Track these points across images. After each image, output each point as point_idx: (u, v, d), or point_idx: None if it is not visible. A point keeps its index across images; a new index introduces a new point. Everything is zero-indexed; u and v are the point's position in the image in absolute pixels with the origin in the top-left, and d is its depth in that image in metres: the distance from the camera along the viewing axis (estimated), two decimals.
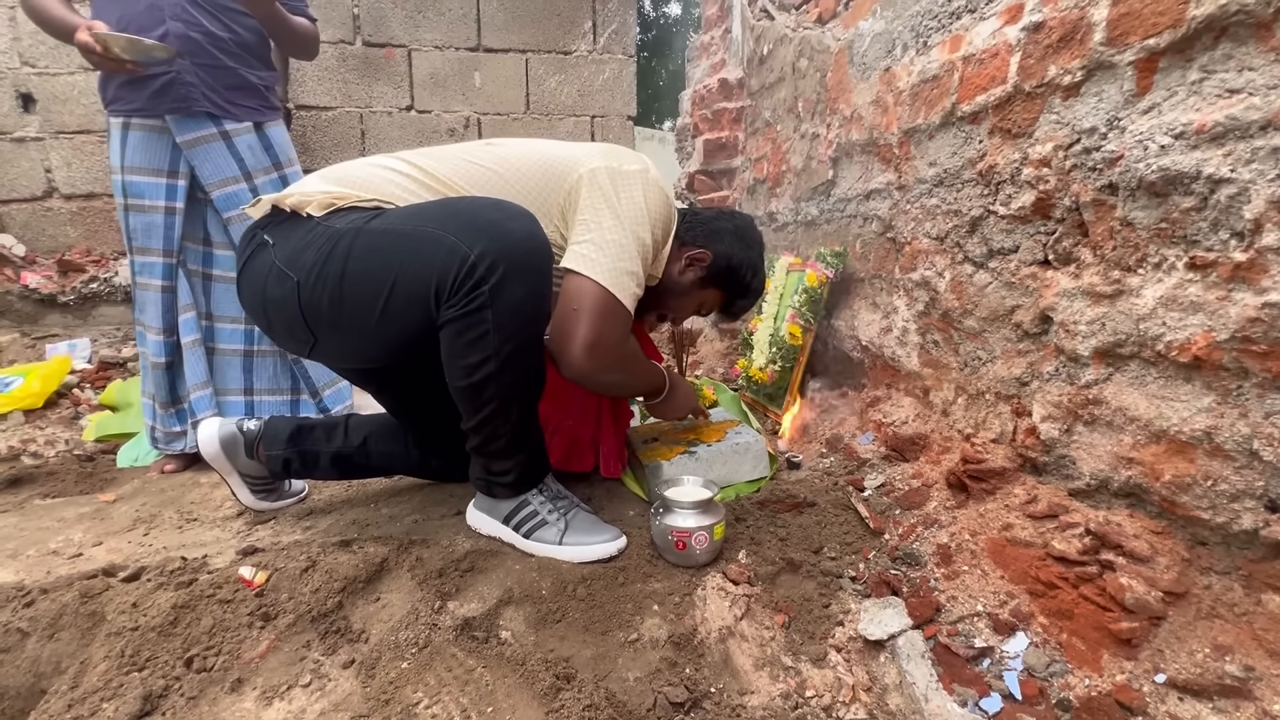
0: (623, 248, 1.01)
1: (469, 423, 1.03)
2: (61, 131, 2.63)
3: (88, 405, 2.18)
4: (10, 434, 1.95)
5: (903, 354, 1.37)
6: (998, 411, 1.09)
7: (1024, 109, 0.98)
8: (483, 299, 0.91)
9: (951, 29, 1.15)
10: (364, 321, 0.97)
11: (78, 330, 2.54)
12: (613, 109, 2.94)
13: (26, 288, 2.51)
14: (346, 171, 1.09)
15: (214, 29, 1.53)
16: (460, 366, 0.96)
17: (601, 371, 1.03)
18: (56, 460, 1.80)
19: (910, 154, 1.29)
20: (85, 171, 2.68)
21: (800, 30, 1.80)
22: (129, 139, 1.55)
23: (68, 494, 1.58)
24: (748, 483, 1.32)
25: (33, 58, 2.58)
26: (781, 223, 1.99)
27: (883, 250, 1.43)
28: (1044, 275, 0.97)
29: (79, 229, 2.72)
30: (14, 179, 2.65)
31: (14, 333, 2.51)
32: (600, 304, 0.99)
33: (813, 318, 1.60)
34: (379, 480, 1.51)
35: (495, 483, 1.09)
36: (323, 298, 0.97)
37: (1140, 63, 0.79)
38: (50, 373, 2.20)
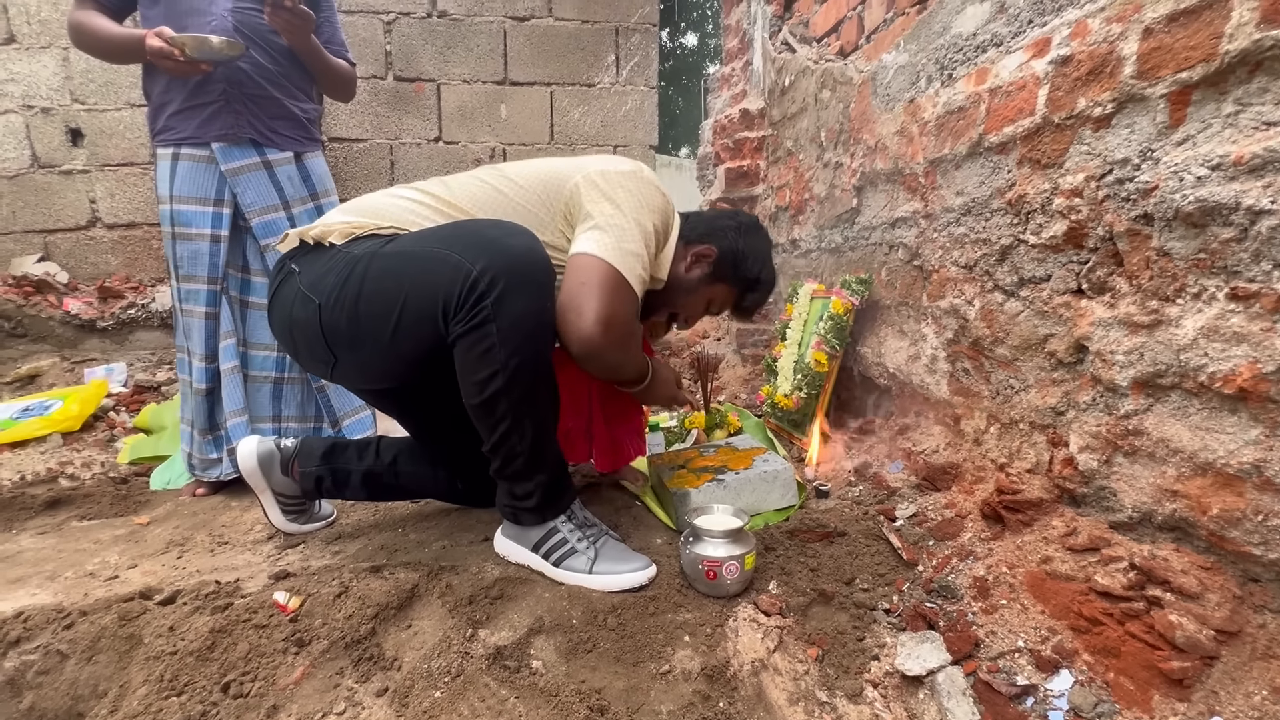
0: (625, 230, 1.03)
1: (487, 444, 1.05)
2: (106, 164, 2.75)
3: (122, 428, 2.23)
4: (49, 456, 2.00)
5: (932, 382, 1.36)
6: (1033, 441, 1.08)
7: (1053, 140, 0.98)
8: (486, 312, 0.94)
9: (977, 62, 1.16)
10: (379, 339, 1.01)
11: (115, 355, 2.61)
12: (635, 139, 3.00)
13: (68, 314, 2.60)
14: (365, 203, 1.14)
15: (261, 60, 1.60)
16: (471, 383, 0.99)
17: (610, 348, 1.01)
18: (93, 482, 1.84)
19: (936, 183, 1.30)
20: (127, 202, 2.78)
21: (822, 63, 1.84)
22: (178, 169, 1.61)
23: (103, 516, 1.61)
24: (776, 511, 1.31)
25: (83, 95, 2.70)
26: (805, 249, 2.00)
27: (909, 278, 1.43)
28: (1078, 304, 0.97)
29: (119, 257, 2.81)
30: (60, 209, 2.76)
31: (54, 357, 2.59)
32: (609, 279, 1.00)
33: (838, 345, 1.60)
34: (405, 505, 1.52)
35: (520, 508, 1.10)
36: (341, 318, 1.02)
37: (1173, 95, 0.79)
38: (88, 396, 2.26)
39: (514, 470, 1.06)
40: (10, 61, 2.65)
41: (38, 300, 2.62)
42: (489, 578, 1.07)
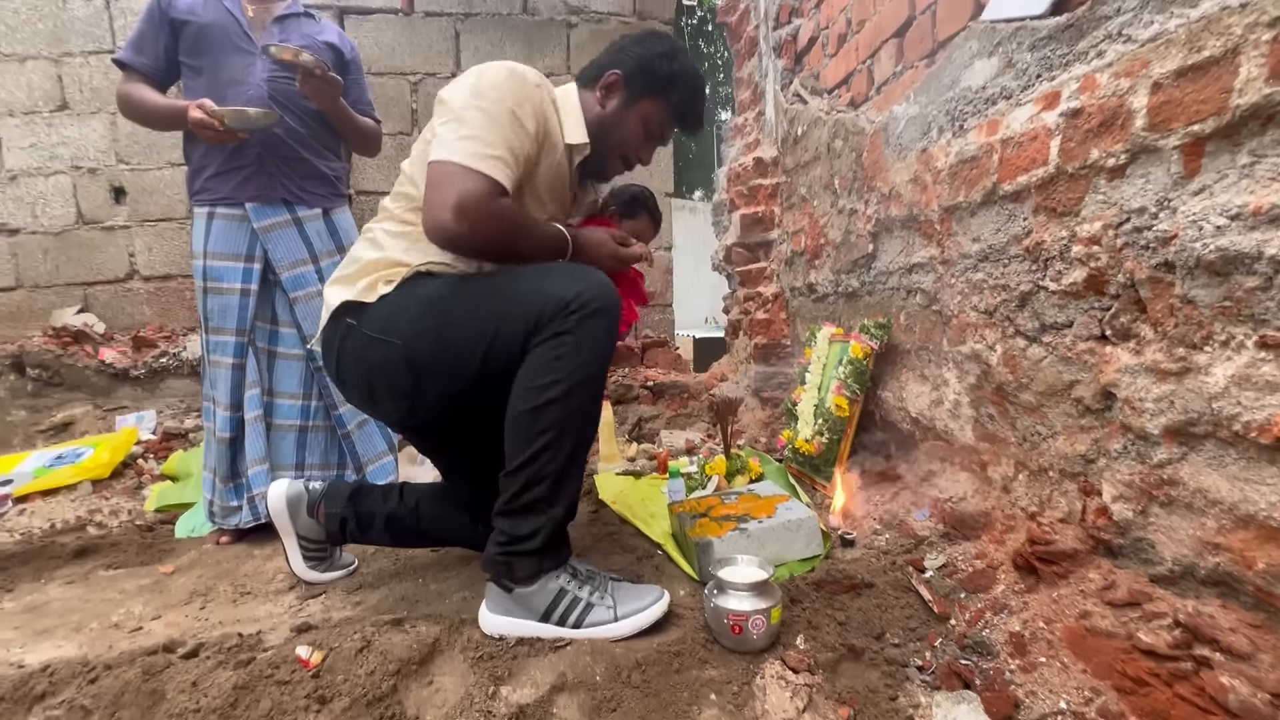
0: (458, 125, 1.05)
1: (516, 460, 1.03)
2: (146, 219, 2.87)
3: (150, 476, 2.27)
4: (79, 504, 2.04)
5: (956, 427, 1.35)
6: (1063, 489, 1.05)
7: (1068, 189, 1.00)
8: (571, 324, 1.00)
9: (987, 114, 1.19)
10: (468, 364, 1.06)
11: (145, 402, 2.68)
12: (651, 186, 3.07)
13: (103, 363, 2.68)
14: (365, 254, 1.17)
15: (293, 124, 1.69)
16: (529, 387, 1.01)
17: (473, 228, 1.02)
18: (119, 530, 1.86)
19: (952, 230, 1.31)
20: (164, 255, 2.90)
21: (834, 113, 1.89)
22: (212, 227, 1.69)
23: (129, 565, 1.63)
24: (801, 561, 1.28)
25: (127, 155, 2.85)
26: (821, 294, 2.01)
27: (929, 323, 1.43)
28: (1102, 351, 0.96)
29: (154, 307, 2.91)
30: (101, 263, 2.88)
31: (88, 405, 2.66)
32: (446, 173, 1.03)
33: (859, 389, 1.59)
34: (425, 554, 1.52)
35: (517, 553, 1.04)
36: (425, 350, 1.07)
37: (1186, 147, 0.80)
38: (118, 444, 2.31)
39: (531, 499, 1.03)
40: (62, 126, 2.81)
41: (75, 350, 2.71)
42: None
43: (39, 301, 2.87)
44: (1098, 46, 0.95)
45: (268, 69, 1.64)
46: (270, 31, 1.68)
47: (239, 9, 1.66)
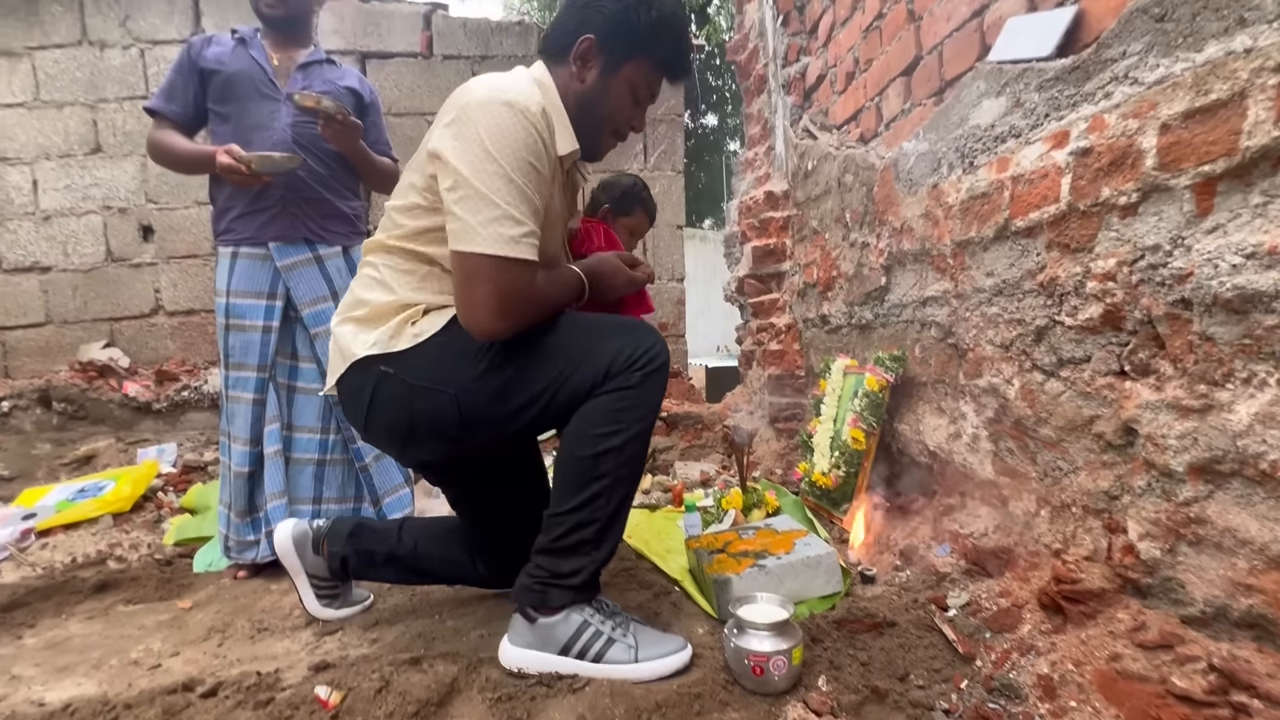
0: (496, 213, 0.96)
1: (567, 503, 1.04)
2: (172, 256, 2.96)
3: (169, 509, 2.29)
4: (99, 537, 2.06)
5: (975, 461, 1.34)
6: (1087, 526, 1.04)
7: (1081, 226, 1.00)
8: (635, 380, 1.03)
9: (997, 151, 1.21)
10: (525, 414, 1.06)
11: (166, 435, 2.72)
12: (663, 219, 3.13)
13: (126, 396, 2.73)
14: (372, 296, 1.13)
15: (315, 166, 1.75)
16: (589, 434, 1.03)
17: (518, 323, 1.01)
18: (139, 565, 1.87)
19: (965, 264, 1.32)
20: (188, 290, 2.97)
21: (844, 149, 1.92)
22: (236, 266, 1.73)
23: (148, 600, 1.64)
24: (821, 599, 1.27)
25: (156, 195, 2.95)
26: (835, 325, 2.02)
27: (944, 356, 1.43)
28: (1122, 386, 0.96)
29: (177, 341, 2.98)
30: (127, 299, 2.96)
31: (110, 438, 2.70)
32: (491, 269, 0.97)
33: (875, 422, 1.58)
34: (441, 589, 1.52)
35: (555, 586, 1.05)
36: (482, 400, 1.05)
37: (1198, 186, 0.81)
38: (139, 477, 2.34)
39: (577, 540, 1.04)
40: (96, 168, 2.92)
41: (100, 384, 2.77)
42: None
43: (67, 337, 2.95)
44: (1104, 88, 0.96)
45: (292, 114, 1.70)
46: (294, 78, 1.75)
47: (264, 58, 1.73)
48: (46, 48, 2.89)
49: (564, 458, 1.06)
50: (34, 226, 2.93)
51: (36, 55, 2.89)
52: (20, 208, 2.92)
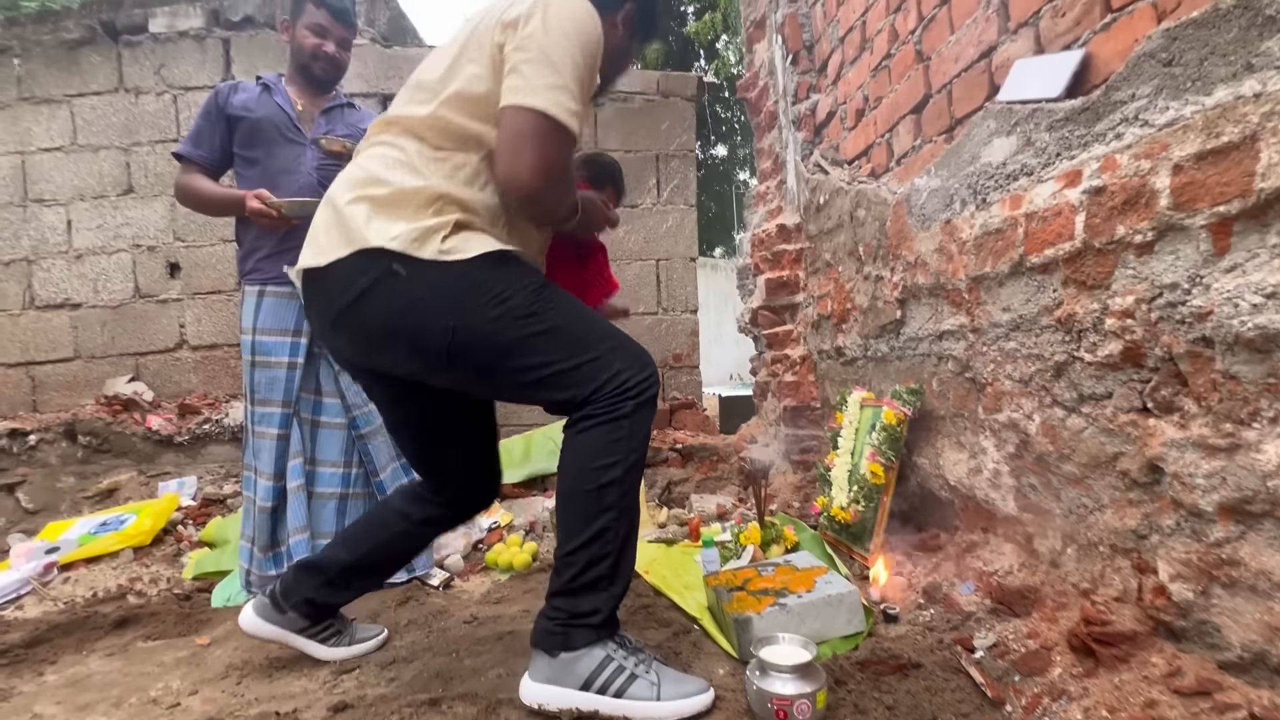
0: (562, 81, 1.00)
1: (577, 540, 1.04)
2: (197, 292, 3.04)
3: (189, 542, 2.31)
4: (120, 572, 2.07)
5: (997, 497, 1.32)
6: (1116, 566, 1.02)
7: (1097, 263, 1.01)
8: (629, 409, 1.04)
9: (1009, 189, 1.23)
10: (510, 380, 1.07)
11: (187, 468, 2.75)
12: (676, 252, 3.17)
13: (149, 430, 2.78)
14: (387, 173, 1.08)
15: None
16: (589, 469, 1.04)
17: (554, 192, 1.05)
18: (158, 599, 1.88)
19: (981, 299, 1.33)
20: (212, 325, 3.04)
21: (855, 184, 1.95)
22: (263, 304, 1.78)
23: (167, 635, 1.64)
24: (843, 638, 1.24)
25: (184, 234, 3.04)
26: (850, 357, 2.02)
27: (962, 390, 1.43)
28: (1145, 423, 0.95)
29: (200, 375, 3.03)
30: (153, 334, 3.03)
31: (133, 471, 2.74)
32: (547, 130, 0.99)
33: (894, 456, 1.57)
34: (458, 626, 1.51)
35: (577, 627, 1.04)
36: (481, 349, 1.05)
37: (1214, 226, 0.82)
38: (160, 510, 2.37)
39: (594, 576, 1.04)
40: (127, 209, 3.03)
41: (124, 417, 2.82)
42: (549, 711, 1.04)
43: (94, 371, 3.02)
44: (1115, 129, 0.98)
45: (317, 158, 1.77)
46: (318, 123, 1.82)
47: (289, 104, 1.80)
48: (85, 95, 3.03)
49: (566, 494, 1.06)
50: (66, 265, 3.02)
51: (75, 102, 3.03)
52: (54, 247, 3.03)
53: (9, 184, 3.03)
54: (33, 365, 3.04)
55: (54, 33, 3.03)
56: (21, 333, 3.03)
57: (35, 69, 3.04)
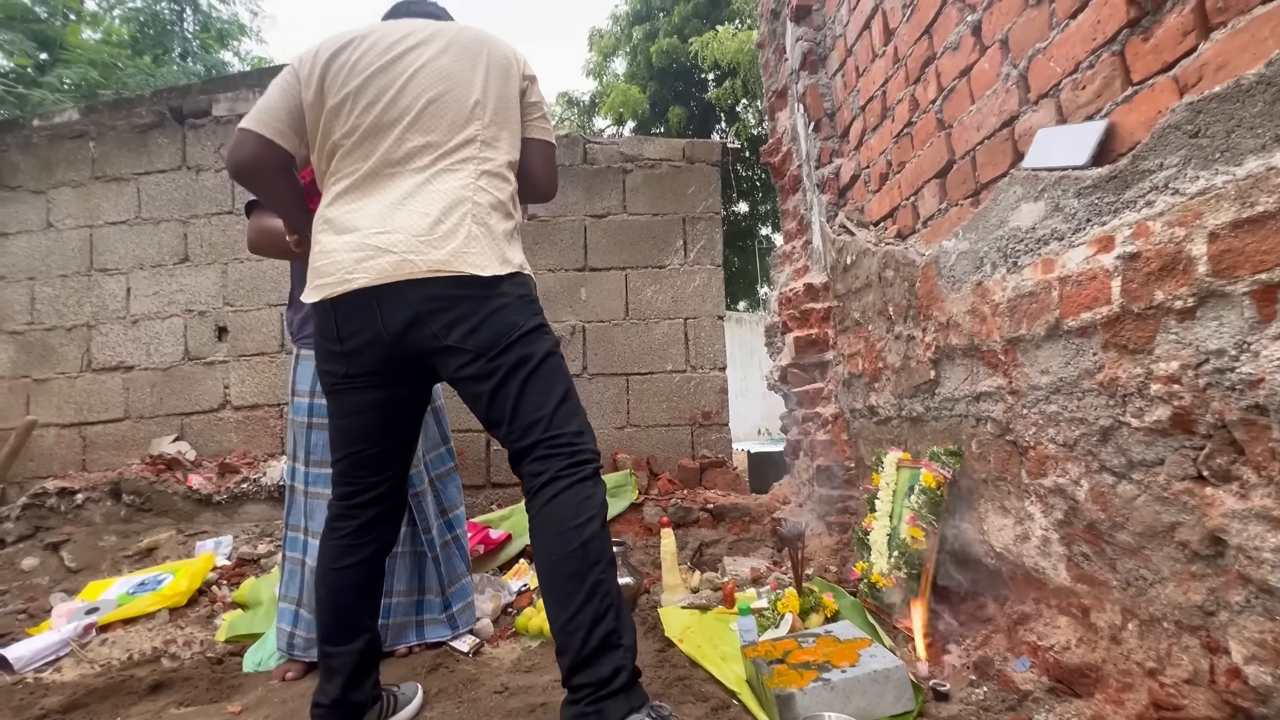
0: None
1: (575, 602, 1.04)
2: (243, 355, 3.16)
3: (223, 603, 2.32)
4: (155, 634, 2.09)
5: (1047, 565, 1.27)
6: (1183, 644, 0.97)
7: (1137, 328, 1.00)
8: (588, 473, 1.14)
9: (1040, 253, 1.24)
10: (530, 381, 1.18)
11: (224, 527, 2.79)
12: (703, 310, 3.21)
13: (190, 488, 2.84)
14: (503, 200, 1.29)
15: None
16: (567, 530, 1.08)
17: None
18: (191, 663, 1.88)
19: (1018, 360, 1.32)
20: (255, 386, 3.14)
21: (882, 245, 1.97)
22: None
23: (199, 702, 1.64)
24: (891, 718, 1.18)
25: (233, 299, 3.19)
26: (884, 416, 2.00)
27: (1003, 453, 1.40)
28: (1202, 492, 0.92)
29: (241, 435, 3.12)
30: (198, 395, 3.14)
31: (171, 530, 2.79)
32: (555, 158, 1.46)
33: (934, 520, 1.53)
34: (490, 697, 1.48)
35: (607, 698, 1.01)
36: (529, 351, 1.19)
37: (1256, 294, 0.82)
38: (196, 571, 2.39)
39: (603, 635, 1.03)
40: (182, 276, 3.20)
41: (167, 476, 2.90)
42: None
43: (141, 431, 3.12)
44: (1145, 197, 0.99)
45: None
46: None
47: None
48: (151, 173, 3.26)
49: (552, 562, 1.09)
50: (123, 329, 3.18)
51: (141, 180, 3.26)
52: (113, 312, 3.20)
53: (77, 255, 3.24)
54: (85, 425, 3.16)
55: (127, 118, 3.29)
56: (78, 394, 3.17)
57: (108, 150, 3.29)
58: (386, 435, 1.30)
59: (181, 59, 10.50)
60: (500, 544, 2.48)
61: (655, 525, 2.66)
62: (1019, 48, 1.37)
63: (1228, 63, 0.89)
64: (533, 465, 1.15)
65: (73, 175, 3.28)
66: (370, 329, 1.19)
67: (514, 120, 1.32)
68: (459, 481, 2.01)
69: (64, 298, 3.22)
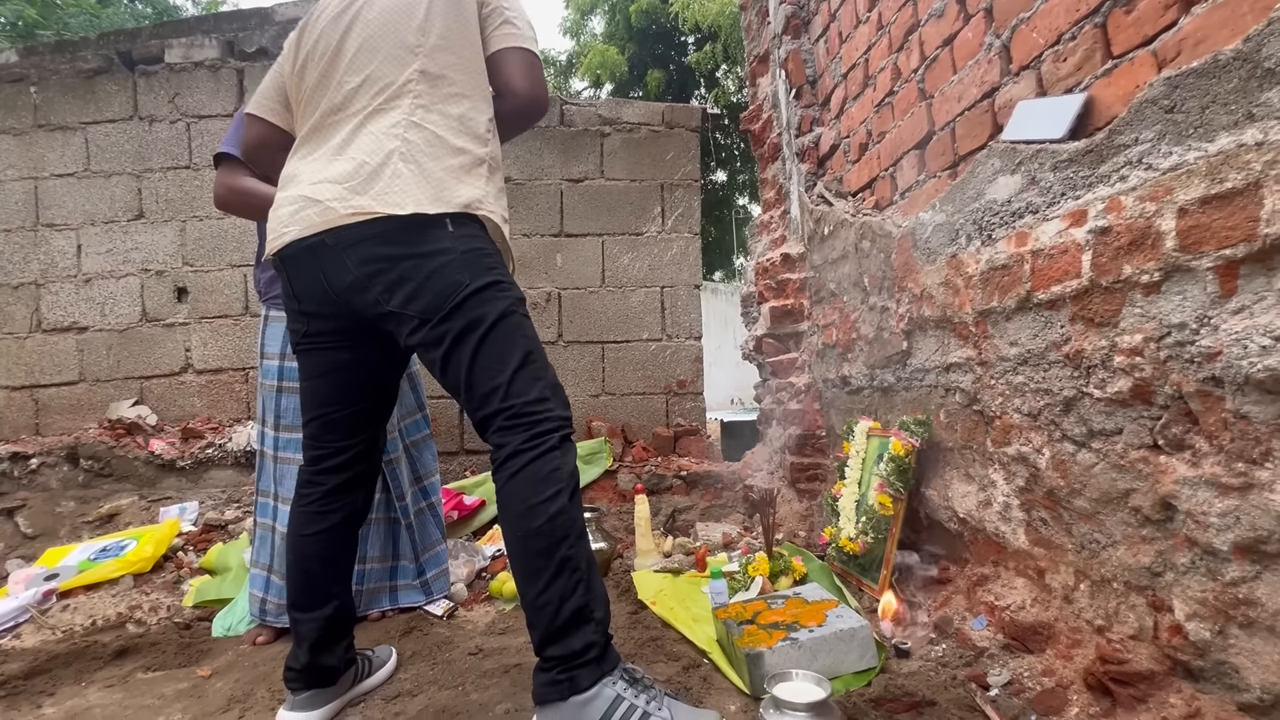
0: (533, 35, 1.30)
1: (543, 578, 1.03)
2: (204, 317, 3.05)
3: (189, 569, 2.28)
4: (120, 599, 2.05)
5: (1007, 530, 1.32)
6: (1130, 603, 1.02)
7: (1104, 301, 1.03)
8: (554, 443, 1.09)
9: (1015, 226, 1.25)
10: (479, 351, 1.11)
11: (189, 493, 2.74)
12: (680, 279, 3.20)
13: (152, 454, 2.77)
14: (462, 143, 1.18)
15: None
16: (533, 505, 1.04)
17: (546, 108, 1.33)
18: (158, 628, 1.86)
19: (988, 332, 1.34)
20: (218, 349, 3.05)
21: (860, 216, 1.98)
22: None
23: (167, 666, 1.62)
24: (855, 674, 1.23)
25: (193, 258, 3.07)
26: (856, 387, 2.03)
27: (970, 422, 1.43)
28: (1157, 460, 0.96)
29: (204, 399, 3.03)
30: (158, 358, 3.04)
31: (134, 495, 2.73)
32: (539, 64, 1.30)
33: (902, 487, 1.57)
34: (465, 659, 1.49)
35: (579, 668, 1.02)
36: (476, 314, 1.10)
37: (1220, 269, 0.84)
38: (161, 537, 2.35)
39: (574, 609, 1.02)
40: (137, 233, 3.06)
41: (127, 441, 2.81)
42: None
43: (98, 395, 3.01)
44: (1119, 171, 1.01)
45: None
46: None
47: None
48: (99, 123, 3.07)
49: (519, 538, 1.05)
50: (75, 289, 3.04)
51: (89, 129, 3.07)
52: (63, 270, 3.05)
53: (21, 209, 3.06)
54: (37, 388, 3.04)
55: (71, 62, 3.09)
56: (27, 355, 3.03)
57: (51, 97, 3.09)
58: (355, 398, 1.27)
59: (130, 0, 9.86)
60: (474, 510, 2.48)
61: (629, 492, 2.69)
62: (1003, 17, 1.36)
63: (1207, 38, 0.89)
64: (495, 437, 1.11)
65: (13, 123, 3.08)
66: (318, 289, 1.15)
67: (471, 43, 1.23)
68: (434, 449, 1.99)
69: (8, 253, 3.05)
